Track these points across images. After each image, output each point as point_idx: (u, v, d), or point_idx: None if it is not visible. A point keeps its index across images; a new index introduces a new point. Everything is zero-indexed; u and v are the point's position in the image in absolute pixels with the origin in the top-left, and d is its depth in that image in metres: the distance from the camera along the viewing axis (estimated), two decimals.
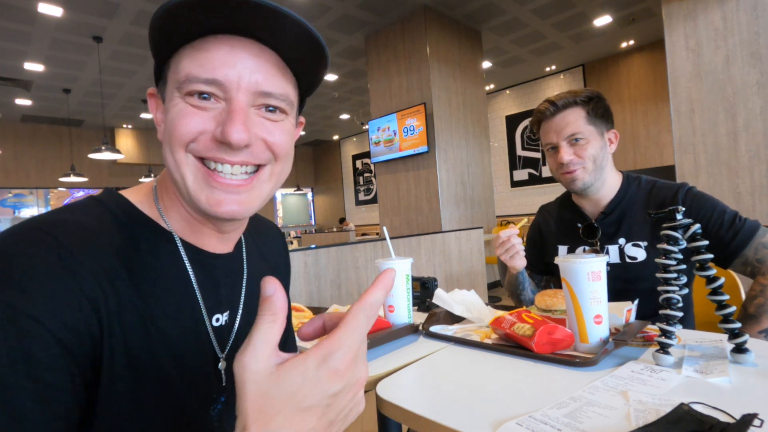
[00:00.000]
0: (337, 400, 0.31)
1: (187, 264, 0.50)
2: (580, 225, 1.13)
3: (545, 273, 1.28)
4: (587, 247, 1.12)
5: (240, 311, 0.56)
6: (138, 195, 0.51)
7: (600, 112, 1.05)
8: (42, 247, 0.38)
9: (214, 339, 0.52)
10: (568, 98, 1.05)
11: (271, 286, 0.32)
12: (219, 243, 0.54)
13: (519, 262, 1.07)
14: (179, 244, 0.50)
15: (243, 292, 0.57)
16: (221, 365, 0.53)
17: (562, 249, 1.17)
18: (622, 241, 1.06)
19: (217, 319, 0.53)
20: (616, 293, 0.92)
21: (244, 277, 0.58)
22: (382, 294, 0.33)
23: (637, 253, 1.04)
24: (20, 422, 0.33)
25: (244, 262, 0.59)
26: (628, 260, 1.05)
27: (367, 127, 5.70)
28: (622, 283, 1.03)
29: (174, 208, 0.50)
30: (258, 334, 0.30)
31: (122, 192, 0.50)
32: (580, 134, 1.04)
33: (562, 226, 1.19)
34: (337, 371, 0.30)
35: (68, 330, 0.36)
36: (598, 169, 1.05)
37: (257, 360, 0.29)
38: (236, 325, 0.56)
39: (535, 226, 1.30)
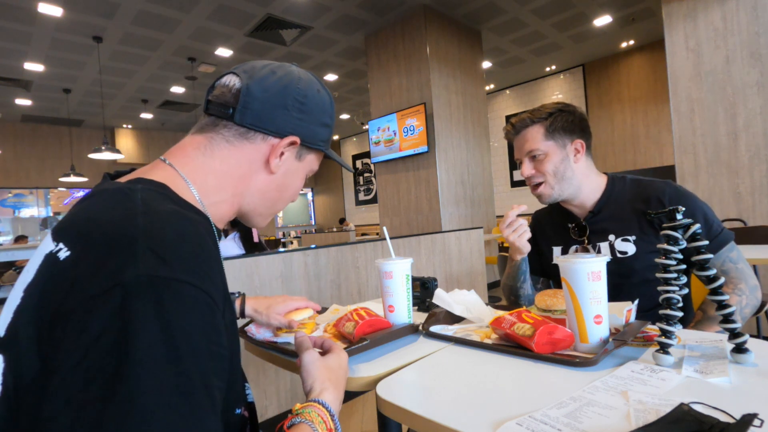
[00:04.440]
0: (347, 377, 0.66)
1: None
2: (570, 225, 1.18)
3: (541, 275, 1.32)
4: (578, 246, 1.16)
5: None
6: (176, 187, 0.56)
7: (560, 125, 1.10)
8: (207, 239, 0.48)
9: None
10: (526, 120, 1.12)
11: (299, 336, 0.70)
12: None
13: (526, 243, 1.12)
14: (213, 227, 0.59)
15: None
16: None
17: (557, 250, 1.21)
18: (612, 237, 1.10)
19: None
20: (609, 288, 0.92)
21: None
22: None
23: (627, 247, 1.07)
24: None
25: None
26: (619, 255, 1.08)
27: (367, 127, 5.70)
28: (616, 277, 1.03)
29: (222, 205, 0.61)
30: (307, 344, 0.67)
31: (156, 181, 0.55)
32: (537, 150, 1.10)
33: (554, 229, 1.24)
34: (344, 358, 0.68)
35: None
36: (561, 180, 1.11)
37: (315, 355, 0.65)
38: None
39: (531, 230, 1.32)
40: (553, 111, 1.11)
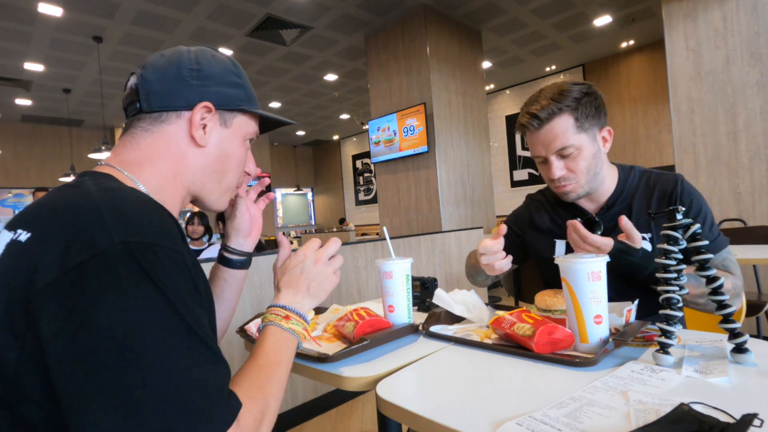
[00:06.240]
0: (304, 279, 0.69)
1: None
2: (580, 219, 1.06)
3: (518, 261, 1.26)
4: None
5: None
6: (120, 179, 0.58)
7: (591, 112, 0.96)
8: (171, 219, 0.52)
9: None
10: (552, 107, 0.94)
11: (281, 240, 0.77)
12: None
13: (505, 264, 0.96)
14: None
15: None
16: None
17: (560, 244, 1.12)
18: None
19: None
20: (615, 291, 0.89)
21: None
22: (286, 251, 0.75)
23: (644, 245, 0.98)
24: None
25: None
26: None
27: (367, 127, 5.70)
28: (626, 279, 0.97)
29: (168, 191, 0.62)
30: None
31: (101, 172, 0.58)
32: (570, 147, 0.95)
33: (558, 222, 1.14)
34: (297, 259, 0.71)
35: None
36: (593, 177, 1.00)
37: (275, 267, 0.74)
38: None
39: (525, 215, 1.24)
40: (579, 96, 0.95)
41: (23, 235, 0.46)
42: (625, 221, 0.85)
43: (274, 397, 0.53)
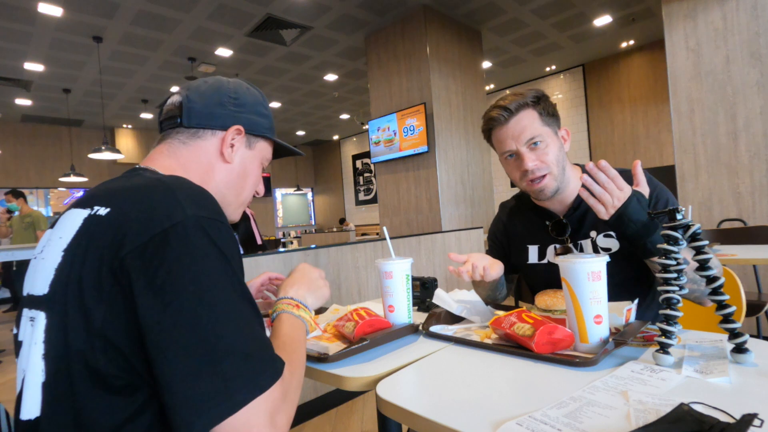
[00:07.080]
0: (305, 282, 0.78)
1: None
2: (548, 223, 1.09)
3: (510, 272, 1.25)
4: (558, 246, 1.08)
5: None
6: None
7: (550, 110, 1.02)
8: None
9: None
10: (518, 100, 0.99)
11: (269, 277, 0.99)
12: None
13: (494, 270, 1.01)
14: None
15: None
16: None
17: (533, 249, 1.13)
18: (593, 234, 1.03)
19: None
20: (621, 288, 0.90)
21: None
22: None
23: (610, 243, 1.01)
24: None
25: None
26: (602, 252, 1.01)
27: (367, 127, 5.70)
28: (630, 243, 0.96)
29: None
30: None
31: (150, 167, 0.67)
32: (539, 137, 0.99)
33: (529, 226, 1.15)
34: (296, 275, 0.80)
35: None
36: (561, 171, 1.02)
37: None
38: None
39: (499, 225, 1.26)
40: (538, 95, 1.01)
41: (102, 210, 0.54)
42: (638, 167, 0.89)
43: (299, 364, 0.60)
